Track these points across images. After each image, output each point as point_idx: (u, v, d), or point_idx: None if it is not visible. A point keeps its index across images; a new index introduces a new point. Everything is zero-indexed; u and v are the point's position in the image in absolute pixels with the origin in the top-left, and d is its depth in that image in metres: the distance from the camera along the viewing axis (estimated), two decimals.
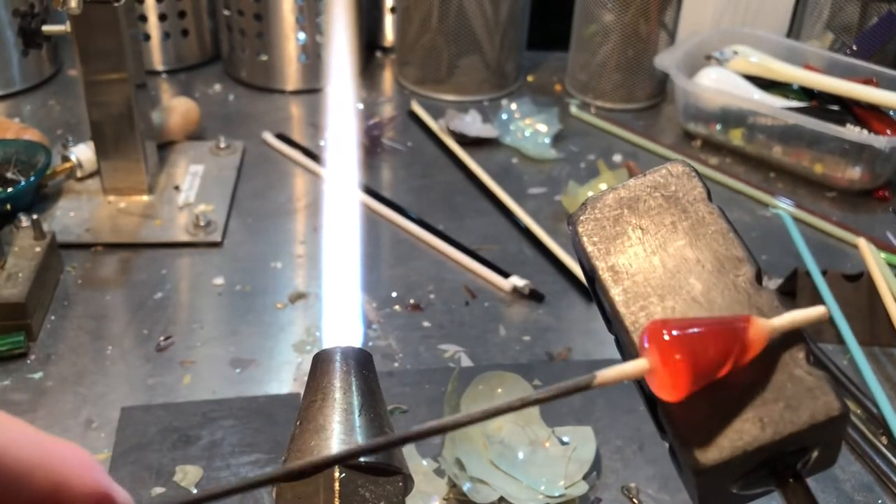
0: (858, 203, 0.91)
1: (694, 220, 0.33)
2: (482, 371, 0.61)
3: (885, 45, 1.00)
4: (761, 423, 0.29)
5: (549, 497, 0.55)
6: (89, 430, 0.60)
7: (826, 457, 0.30)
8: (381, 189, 0.88)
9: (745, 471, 0.29)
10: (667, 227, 0.34)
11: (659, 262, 0.33)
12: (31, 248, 0.70)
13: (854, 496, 0.59)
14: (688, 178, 0.35)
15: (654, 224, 0.34)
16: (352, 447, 0.32)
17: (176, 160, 0.89)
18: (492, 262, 0.77)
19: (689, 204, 0.34)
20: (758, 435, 0.29)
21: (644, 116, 1.05)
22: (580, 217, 0.35)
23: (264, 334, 0.70)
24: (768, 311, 0.31)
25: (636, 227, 0.34)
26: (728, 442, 0.29)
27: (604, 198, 0.35)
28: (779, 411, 0.29)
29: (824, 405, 0.29)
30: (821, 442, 0.30)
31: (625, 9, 0.99)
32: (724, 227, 0.33)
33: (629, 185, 0.35)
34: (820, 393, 0.29)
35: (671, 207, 0.34)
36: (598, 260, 0.34)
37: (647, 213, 0.34)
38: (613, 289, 0.33)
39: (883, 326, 0.71)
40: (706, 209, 0.34)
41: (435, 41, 1.03)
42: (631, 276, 0.33)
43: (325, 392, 0.36)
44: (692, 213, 0.34)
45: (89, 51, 0.75)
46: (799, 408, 0.29)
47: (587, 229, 0.34)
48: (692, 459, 0.29)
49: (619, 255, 0.33)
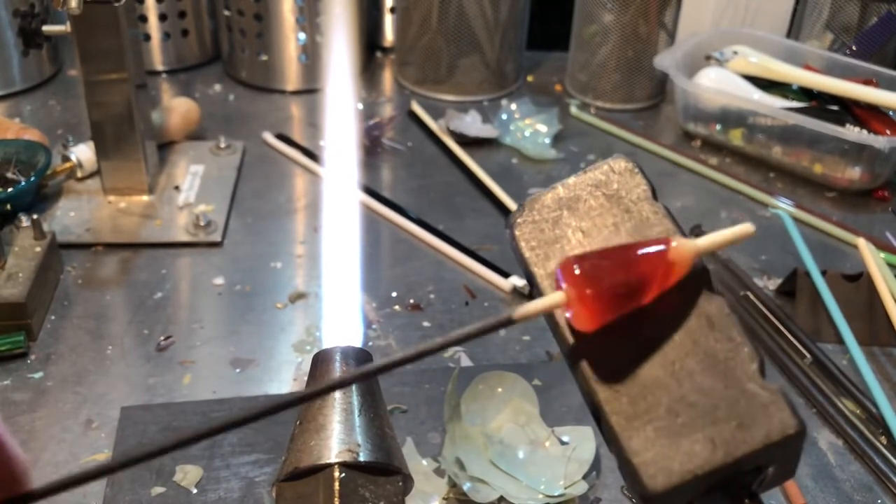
0: (858, 203, 0.91)
1: (637, 220, 0.32)
2: (482, 371, 0.61)
3: (885, 46, 1.00)
4: (712, 445, 0.27)
5: (548, 497, 0.55)
6: (89, 429, 0.60)
7: (783, 472, 0.29)
8: (381, 189, 0.88)
9: (697, 494, 0.28)
10: (609, 229, 0.32)
11: None
12: (32, 248, 0.70)
13: (854, 496, 0.59)
14: (630, 175, 0.33)
15: (596, 226, 0.32)
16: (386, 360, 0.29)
17: (176, 160, 0.89)
18: (492, 262, 0.77)
19: (632, 203, 0.32)
20: (709, 457, 0.27)
21: (644, 117, 1.05)
22: (517, 220, 0.33)
23: (264, 334, 0.70)
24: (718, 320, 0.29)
25: (577, 229, 0.32)
26: (678, 465, 0.27)
27: (542, 198, 0.33)
28: (731, 431, 0.27)
29: (780, 423, 0.27)
30: (777, 460, 0.28)
31: (624, 9, 0.99)
32: (669, 228, 0.31)
33: (569, 183, 0.33)
34: (775, 409, 0.27)
35: (613, 207, 0.32)
36: (537, 266, 0.32)
37: (587, 214, 0.32)
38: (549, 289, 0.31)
39: (882, 326, 0.71)
40: (650, 209, 0.32)
41: (435, 41, 1.03)
42: None
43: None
44: (635, 212, 0.32)
45: (89, 51, 0.75)
46: (752, 426, 0.27)
47: (524, 233, 0.32)
48: (639, 485, 0.27)
49: (558, 261, 0.31)
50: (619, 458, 0.28)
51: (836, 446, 0.62)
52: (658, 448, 0.27)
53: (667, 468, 0.27)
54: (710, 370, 0.28)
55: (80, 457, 0.58)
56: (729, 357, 0.28)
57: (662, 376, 0.28)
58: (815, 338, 0.70)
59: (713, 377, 0.28)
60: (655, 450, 0.27)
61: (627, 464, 0.28)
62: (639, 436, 0.28)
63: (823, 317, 0.72)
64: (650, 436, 0.28)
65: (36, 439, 0.59)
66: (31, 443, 0.59)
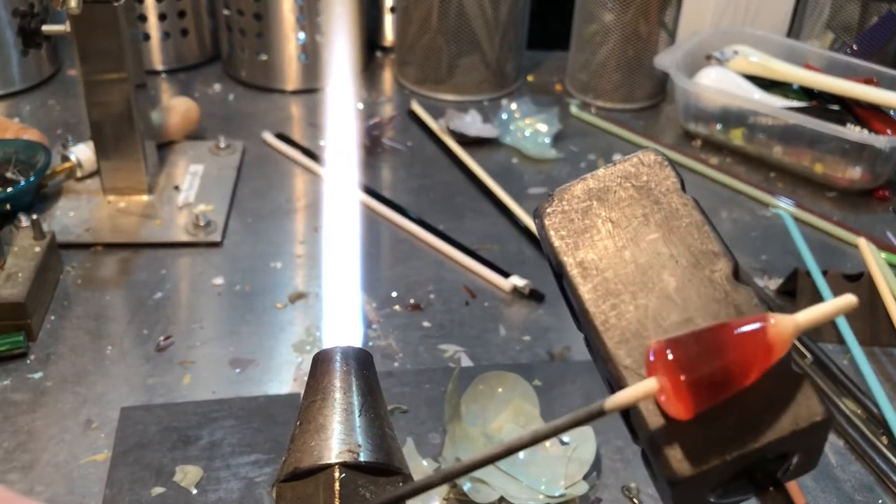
0: (859, 203, 0.91)
1: (667, 211, 0.32)
2: (482, 371, 0.61)
3: (886, 45, 1.00)
4: (741, 430, 0.27)
5: (549, 497, 0.55)
6: (89, 430, 0.60)
7: (807, 462, 0.29)
8: (381, 189, 0.88)
9: (724, 480, 0.28)
10: (638, 220, 0.32)
11: (630, 256, 0.31)
12: (31, 248, 0.70)
13: (854, 496, 0.59)
14: (660, 168, 0.33)
15: (625, 216, 0.32)
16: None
17: (176, 160, 0.89)
18: (492, 262, 0.77)
19: (661, 195, 0.32)
20: (737, 443, 0.27)
21: (644, 116, 1.05)
22: (547, 209, 0.33)
23: (264, 334, 0.70)
24: (747, 310, 0.29)
25: (606, 219, 0.32)
26: (706, 451, 0.27)
27: (572, 189, 0.33)
28: (759, 417, 0.27)
29: (807, 410, 0.27)
30: (802, 448, 0.28)
31: (625, 8, 0.99)
32: (698, 220, 0.32)
33: (598, 175, 0.33)
34: (802, 397, 0.28)
35: (643, 199, 0.32)
36: (566, 255, 0.32)
37: (617, 205, 0.32)
38: (582, 286, 0.31)
39: (883, 326, 0.71)
40: (679, 200, 0.32)
41: (435, 41, 1.03)
42: (601, 272, 0.31)
43: (326, 392, 0.36)
44: (665, 204, 0.32)
45: (89, 50, 0.75)
46: (781, 413, 0.27)
47: (554, 222, 0.33)
48: (668, 469, 0.27)
49: (588, 250, 0.32)
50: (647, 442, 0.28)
51: (836, 446, 0.62)
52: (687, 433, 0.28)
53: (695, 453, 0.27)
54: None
55: (80, 457, 0.58)
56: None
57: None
58: (815, 338, 0.70)
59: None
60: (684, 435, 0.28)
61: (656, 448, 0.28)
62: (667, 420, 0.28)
63: None
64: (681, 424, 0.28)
65: (35, 440, 0.59)
66: (30, 443, 0.59)
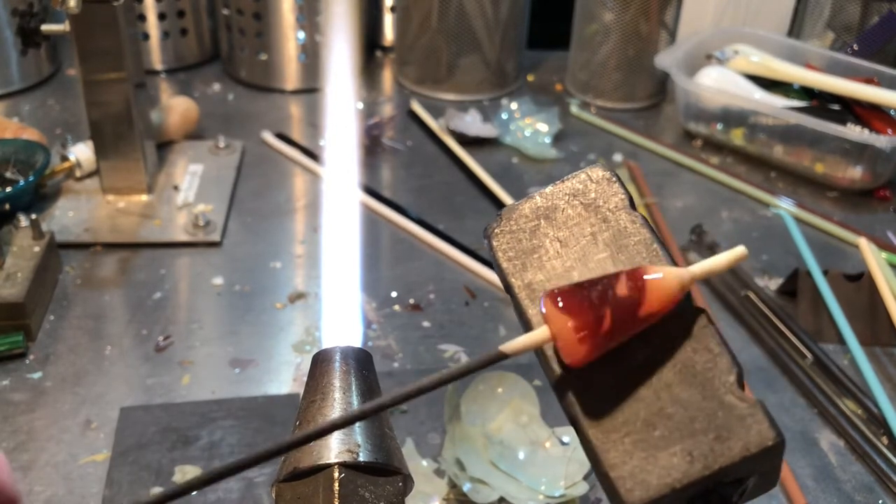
0: (859, 203, 0.91)
1: (615, 230, 0.31)
2: (482, 371, 0.61)
3: (886, 45, 1.00)
4: (690, 457, 0.27)
5: (549, 497, 0.55)
6: (88, 430, 0.60)
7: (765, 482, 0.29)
8: (381, 189, 0.88)
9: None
10: (587, 239, 0.31)
11: (578, 276, 0.31)
12: (30, 248, 0.69)
13: (854, 496, 0.59)
14: (608, 184, 0.32)
15: (574, 235, 0.32)
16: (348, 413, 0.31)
17: (175, 160, 0.89)
18: (492, 262, 0.77)
19: (609, 212, 0.32)
20: (687, 470, 0.27)
21: (644, 116, 1.05)
22: (495, 230, 0.33)
23: (263, 334, 0.69)
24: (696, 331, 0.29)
25: (554, 239, 0.32)
26: (655, 479, 0.27)
27: (520, 208, 0.33)
28: (709, 443, 0.27)
29: (758, 435, 0.27)
30: (757, 472, 0.28)
31: (625, 8, 0.99)
32: (647, 237, 0.31)
33: (546, 192, 0.33)
34: (753, 421, 0.27)
35: (591, 216, 0.32)
36: (514, 277, 0.32)
37: (565, 224, 0.32)
38: (531, 308, 0.31)
39: (884, 326, 0.71)
40: (628, 218, 0.32)
41: (435, 41, 1.03)
42: None
43: (325, 392, 0.36)
44: (613, 222, 0.32)
45: (88, 50, 0.75)
46: (730, 438, 0.27)
47: (502, 243, 0.32)
48: (617, 499, 0.27)
49: (536, 271, 0.31)
50: (597, 472, 0.28)
51: (837, 447, 0.62)
52: (636, 461, 0.27)
53: (644, 481, 0.27)
54: (687, 382, 0.28)
55: (79, 457, 0.58)
56: (707, 368, 0.28)
57: (639, 388, 0.28)
58: (816, 338, 0.70)
59: (691, 389, 0.28)
60: (633, 463, 0.27)
61: (605, 477, 0.28)
62: (616, 449, 0.28)
63: (825, 317, 0.72)
64: (628, 448, 0.28)
65: (35, 440, 0.59)
66: (29, 443, 0.59)
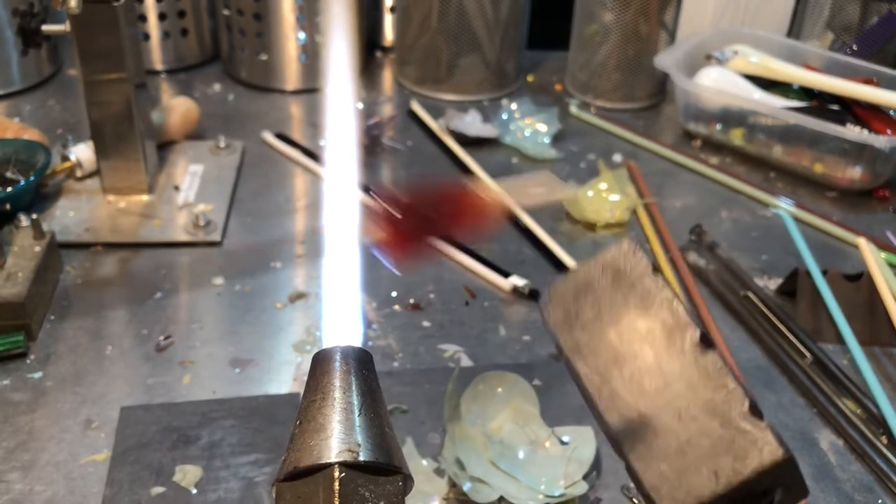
0: (859, 203, 0.91)
1: (641, 293, 0.38)
2: (482, 371, 0.61)
3: (886, 45, 1.00)
4: (715, 476, 0.33)
5: (548, 497, 0.55)
6: (89, 429, 0.60)
7: (793, 493, 0.34)
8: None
9: None
10: (619, 303, 0.38)
11: (615, 334, 0.37)
12: (31, 248, 0.70)
13: (854, 496, 0.59)
14: (633, 254, 0.39)
15: (608, 301, 0.38)
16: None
17: (175, 160, 0.89)
18: (492, 262, 0.77)
19: (636, 279, 0.38)
20: (713, 487, 0.33)
21: (644, 116, 1.05)
22: (545, 303, 0.40)
23: (264, 334, 0.70)
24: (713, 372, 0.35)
25: (593, 305, 0.38)
26: (685, 495, 0.33)
27: (564, 283, 0.40)
28: (729, 463, 0.33)
29: (769, 453, 0.33)
30: (777, 483, 0.33)
31: (625, 8, 0.99)
32: (668, 297, 0.37)
33: (583, 269, 0.40)
34: (763, 443, 0.33)
35: (621, 284, 0.38)
36: (562, 339, 0.39)
37: (601, 292, 0.38)
38: (578, 363, 0.38)
39: (883, 326, 0.71)
40: (651, 282, 0.38)
41: (435, 41, 1.03)
42: (591, 351, 0.38)
43: (325, 392, 0.36)
44: (639, 287, 0.38)
45: (89, 50, 0.75)
46: (746, 458, 0.33)
47: (551, 313, 0.40)
48: None
49: (580, 333, 0.38)
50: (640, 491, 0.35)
51: (836, 446, 0.62)
52: (671, 482, 0.34)
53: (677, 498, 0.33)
54: (709, 414, 0.34)
55: (80, 457, 0.58)
56: (724, 401, 0.34)
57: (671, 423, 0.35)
58: (815, 338, 0.70)
59: (712, 420, 0.34)
60: (669, 483, 0.34)
61: (647, 498, 0.34)
62: (653, 471, 0.34)
63: (824, 317, 0.72)
64: (664, 471, 0.34)
65: (35, 439, 0.59)
66: (30, 443, 0.59)
